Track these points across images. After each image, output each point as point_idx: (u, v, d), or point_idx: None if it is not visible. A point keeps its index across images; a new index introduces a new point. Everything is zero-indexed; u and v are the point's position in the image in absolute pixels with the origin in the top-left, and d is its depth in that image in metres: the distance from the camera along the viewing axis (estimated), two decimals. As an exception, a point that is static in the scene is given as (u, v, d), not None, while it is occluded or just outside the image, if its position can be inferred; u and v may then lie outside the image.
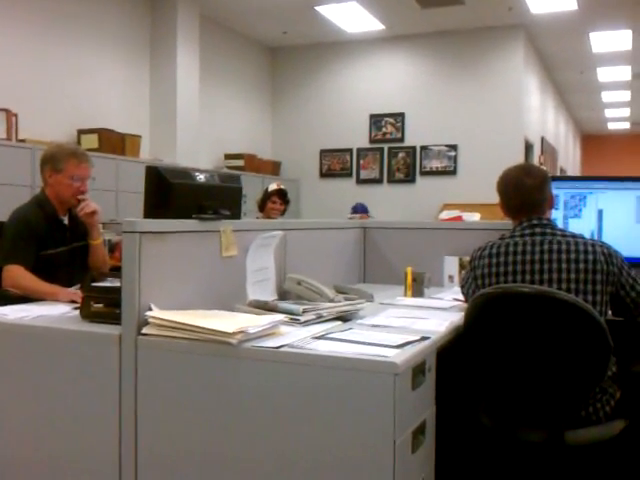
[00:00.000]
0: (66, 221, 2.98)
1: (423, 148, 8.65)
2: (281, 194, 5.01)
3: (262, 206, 5.05)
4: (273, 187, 5.03)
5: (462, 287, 2.51)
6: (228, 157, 8.23)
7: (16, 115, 5.10)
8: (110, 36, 6.57)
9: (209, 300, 2.12)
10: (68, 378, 1.94)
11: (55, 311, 2.30)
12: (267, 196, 5.01)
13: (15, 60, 5.53)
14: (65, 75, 6.03)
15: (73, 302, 2.47)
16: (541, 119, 10.27)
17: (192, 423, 1.80)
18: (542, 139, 10.24)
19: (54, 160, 2.89)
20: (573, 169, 15.95)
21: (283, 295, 2.51)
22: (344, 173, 9.07)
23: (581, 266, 2.14)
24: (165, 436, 1.83)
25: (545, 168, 2.77)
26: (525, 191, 2.31)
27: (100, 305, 2.07)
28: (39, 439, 1.99)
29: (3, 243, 2.80)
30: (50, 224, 2.90)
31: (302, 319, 2.05)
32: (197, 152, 7.32)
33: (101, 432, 1.90)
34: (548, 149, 10.95)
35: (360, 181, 8.99)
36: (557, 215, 2.92)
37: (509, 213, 2.39)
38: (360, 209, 7.42)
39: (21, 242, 2.78)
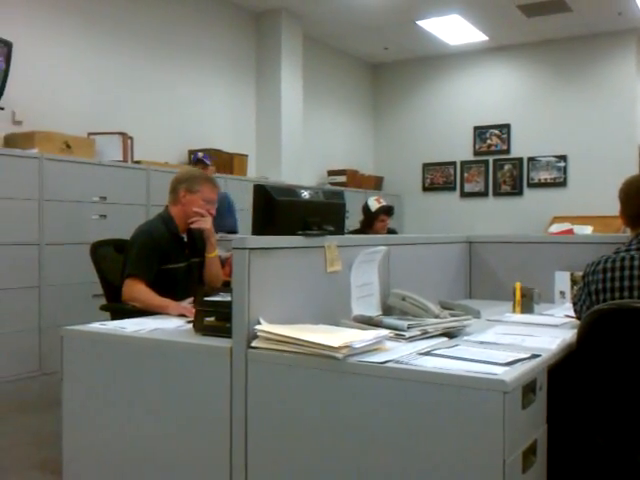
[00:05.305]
0: (185, 239, 3.14)
1: (530, 159, 8.41)
2: (389, 212, 4.98)
3: (368, 225, 4.98)
4: (375, 205, 4.95)
5: (575, 304, 2.42)
6: (331, 173, 8.33)
7: (131, 138, 5.39)
8: (218, 60, 6.83)
9: (314, 314, 2.15)
10: (182, 388, 2.03)
11: (170, 325, 2.41)
12: (374, 215, 4.96)
13: (130, 87, 5.86)
14: (176, 99, 6.33)
15: (182, 316, 2.58)
16: (657, 126, 9.74)
17: (299, 435, 1.82)
18: (659, 147, 9.70)
19: (191, 182, 3.08)
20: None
21: (387, 310, 2.51)
22: (447, 187, 8.96)
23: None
24: (273, 445, 1.87)
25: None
26: None
27: (212, 319, 2.15)
28: (153, 447, 2.09)
29: (130, 256, 2.98)
30: (172, 240, 3.07)
31: (407, 335, 2.04)
32: (301, 169, 7.46)
33: (213, 440, 1.97)
34: (666, 157, 10.35)
35: (464, 194, 8.85)
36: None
37: (628, 222, 2.30)
38: (199, 159, 5.42)
39: (146, 255, 2.95)
